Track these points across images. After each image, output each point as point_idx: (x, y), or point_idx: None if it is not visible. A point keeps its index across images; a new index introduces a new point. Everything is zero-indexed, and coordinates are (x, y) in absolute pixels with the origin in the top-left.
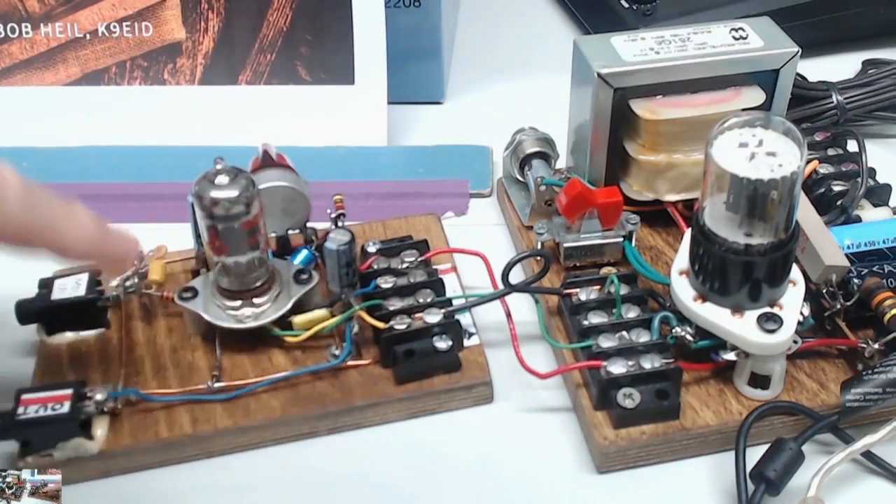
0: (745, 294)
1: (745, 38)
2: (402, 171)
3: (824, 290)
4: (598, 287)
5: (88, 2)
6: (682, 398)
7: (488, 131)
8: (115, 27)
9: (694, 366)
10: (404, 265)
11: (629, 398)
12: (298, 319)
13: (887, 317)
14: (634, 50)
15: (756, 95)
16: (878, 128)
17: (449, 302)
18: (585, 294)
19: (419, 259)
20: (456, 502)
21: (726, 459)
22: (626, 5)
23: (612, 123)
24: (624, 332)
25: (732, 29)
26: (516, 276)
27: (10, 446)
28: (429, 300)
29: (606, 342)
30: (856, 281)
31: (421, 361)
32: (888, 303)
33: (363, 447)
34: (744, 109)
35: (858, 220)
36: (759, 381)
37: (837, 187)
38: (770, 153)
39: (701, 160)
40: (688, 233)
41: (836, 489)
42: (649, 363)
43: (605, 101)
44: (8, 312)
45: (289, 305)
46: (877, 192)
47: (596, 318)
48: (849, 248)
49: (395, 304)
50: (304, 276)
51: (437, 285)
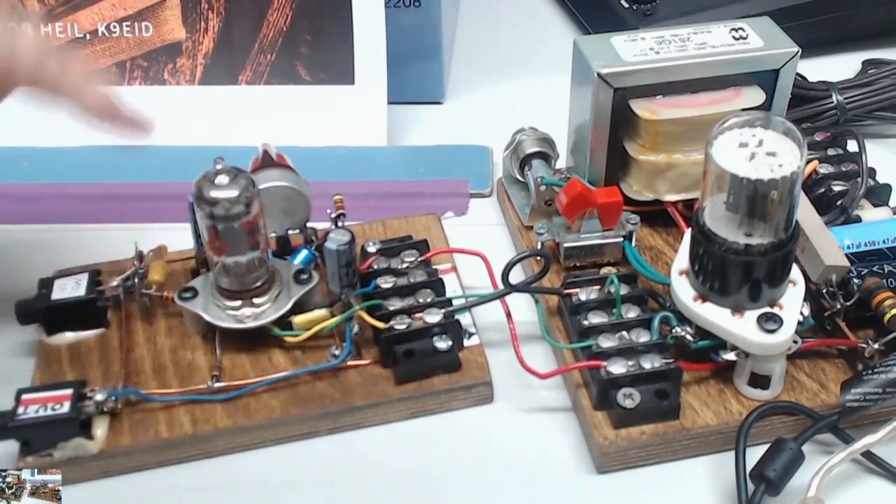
0: (745, 294)
1: (745, 38)
2: (402, 171)
3: (824, 290)
4: (598, 287)
5: (88, 2)
6: (682, 398)
7: (488, 131)
8: (115, 27)
9: (694, 366)
10: (404, 265)
11: (629, 398)
12: (298, 319)
13: (887, 317)
14: (634, 50)
15: (756, 95)
16: (878, 128)
17: (449, 302)
18: (585, 294)
19: (419, 259)
20: (456, 502)
21: (726, 459)
22: (626, 5)
23: (612, 123)
24: (624, 332)
25: (732, 29)
26: (516, 276)
27: (10, 446)
28: (429, 300)
29: (606, 342)
30: (856, 281)
31: (421, 361)
32: (888, 303)
33: (363, 447)
34: (744, 109)
35: (858, 220)
36: (759, 381)
37: (837, 187)
38: (770, 153)
39: (701, 160)
40: (688, 233)
41: (836, 489)
42: (649, 363)
43: (605, 101)
44: (8, 312)
45: (289, 305)
46: (877, 192)
47: (596, 318)
48: (849, 248)
49: (395, 304)
50: (304, 276)
51: (437, 285)
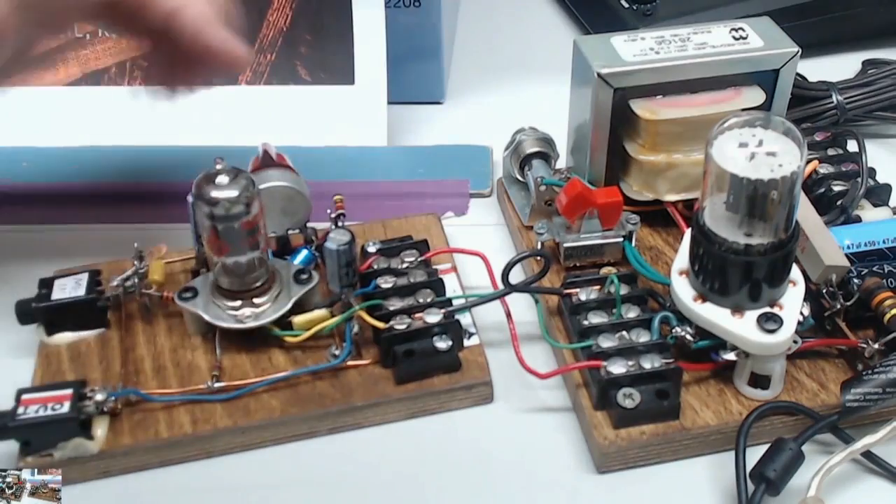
0: (745, 294)
1: (745, 38)
2: (402, 171)
3: (824, 290)
4: (598, 287)
5: None
6: (682, 398)
7: (488, 131)
8: None
9: (694, 366)
10: (404, 265)
11: (629, 398)
12: (298, 319)
13: (887, 317)
14: (634, 50)
15: (756, 95)
16: (878, 128)
17: (449, 302)
18: (585, 294)
19: (419, 259)
20: (456, 502)
21: (726, 459)
22: (626, 5)
23: (612, 123)
24: (624, 332)
25: (732, 29)
26: (516, 276)
27: (10, 446)
28: (429, 300)
29: (606, 342)
30: (856, 281)
31: (421, 361)
32: (888, 303)
33: (363, 447)
34: (744, 109)
35: (858, 220)
36: (759, 381)
37: (837, 187)
38: (770, 153)
39: (701, 160)
40: (688, 233)
41: (836, 489)
42: (649, 363)
43: (605, 101)
44: (8, 312)
45: (289, 305)
46: (877, 192)
47: (596, 318)
48: (849, 248)
49: (395, 304)
50: (304, 276)
51: (437, 285)
